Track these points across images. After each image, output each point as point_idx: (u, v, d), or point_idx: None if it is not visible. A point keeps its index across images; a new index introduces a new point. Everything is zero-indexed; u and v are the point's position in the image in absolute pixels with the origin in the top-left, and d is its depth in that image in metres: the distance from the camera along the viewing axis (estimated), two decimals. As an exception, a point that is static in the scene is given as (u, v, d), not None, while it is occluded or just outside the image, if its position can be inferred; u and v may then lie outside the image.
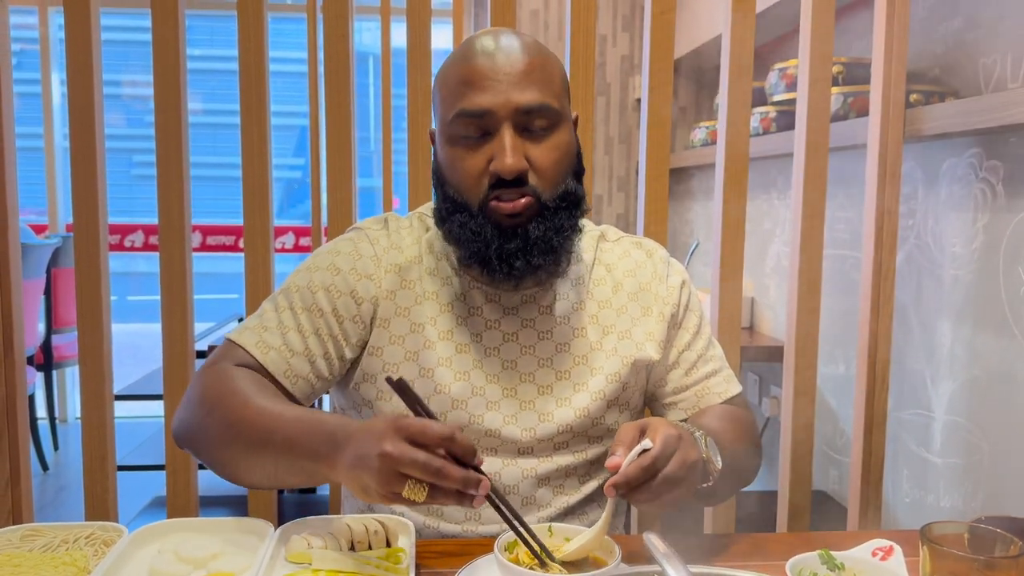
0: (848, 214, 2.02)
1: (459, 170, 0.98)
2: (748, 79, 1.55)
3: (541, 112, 0.96)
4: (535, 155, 0.97)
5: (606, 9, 3.43)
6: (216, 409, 0.92)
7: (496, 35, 0.99)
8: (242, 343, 1.00)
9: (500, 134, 0.95)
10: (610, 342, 1.07)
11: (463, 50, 1.00)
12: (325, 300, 1.02)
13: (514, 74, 0.95)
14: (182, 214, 1.46)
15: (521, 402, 1.04)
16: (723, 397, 1.11)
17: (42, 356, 3.52)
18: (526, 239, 0.97)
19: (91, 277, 1.44)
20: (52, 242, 3.41)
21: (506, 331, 1.05)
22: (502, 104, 0.95)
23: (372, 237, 1.07)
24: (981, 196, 1.54)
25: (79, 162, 1.42)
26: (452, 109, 0.97)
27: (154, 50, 1.44)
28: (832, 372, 2.08)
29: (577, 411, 1.04)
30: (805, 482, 1.59)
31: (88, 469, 1.46)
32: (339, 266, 1.04)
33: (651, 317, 1.10)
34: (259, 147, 1.49)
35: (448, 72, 1.00)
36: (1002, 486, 1.49)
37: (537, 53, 0.98)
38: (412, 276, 1.05)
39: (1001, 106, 1.33)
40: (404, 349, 1.03)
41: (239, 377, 0.96)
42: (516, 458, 1.04)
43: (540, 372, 1.05)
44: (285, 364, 1.00)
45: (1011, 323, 1.46)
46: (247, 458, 0.90)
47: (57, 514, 3.17)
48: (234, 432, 0.90)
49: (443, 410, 1.02)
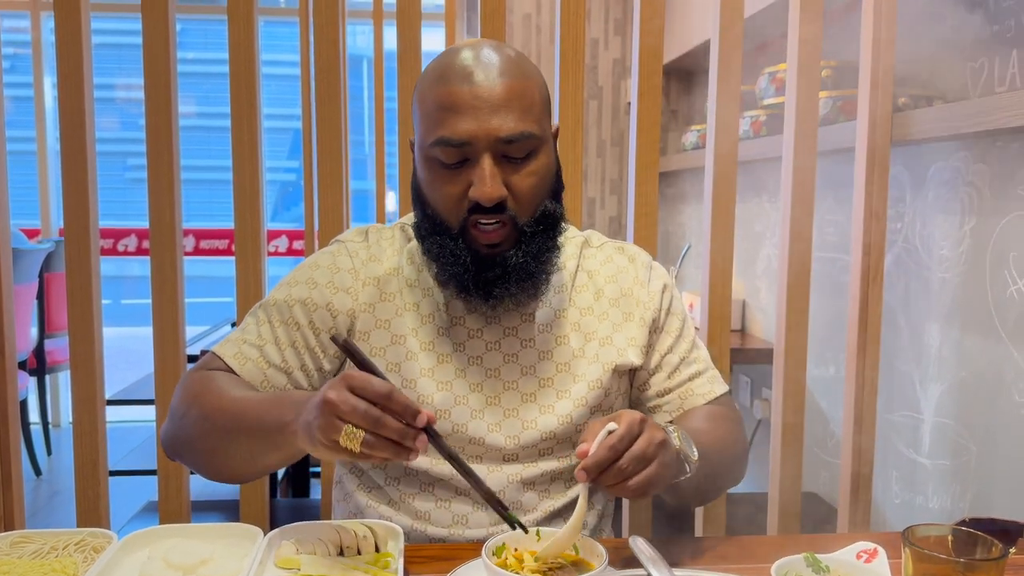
0: (837, 217, 2.03)
1: (438, 193, 0.99)
2: (737, 84, 1.56)
3: (521, 140, 0.96)
4: (514, 181, 0.97)
5: (598, 13, 3.44)
6: (193, 406, 0.96)
7: (476, 53, 0.98)
8: (221, 354, 1.03)
9: (480, 163, 0.95)
10: (592, 348, 1.08)
11: (443, 68, 0.98)
12: (301, 313, 1.04)
13: (494, 101, 0.95)
14: (173, 218, 1.46)
15: (505, 410, 1.05)
16: (707, 398, 1.11)
17: (35, 361, 3.51)
18: (505, 267, 0.99)
19: (82, 282, 1.44)
20: (44, 247, 3.40)
21: (489, 340, 1.06)
22: (483, 135, 0.95)
23: (351, 250, 1.09)
24: (968, 199, 1.55)
25: (70, 166, 1.42)
26: (432, 134, 0.97)
27: (144, 54, 1.45)
28: (822, 374, 2.09)
29: (560, 418, 1.05)
30: (795, 484, 1.60)
31: (80, 475, 1.46)
32: (316, 280, 1.06)
33: (632, 323, 1.10)
34: (250, 151, 1.49)
35: (427, 91, 0.99)
36: (990, 487, 1.50)
37: (518, 75, 0.97)
38: (392, 288, 1.07)
39: (989, 110, 1.34)
40: (385, 360, 1.04)
41: (216, 377, 0.99)
42: (501, 464, 1.04)
43: (523, 380, 1.06)
44: (261, 375, 1.02)
45: (998, 325, 1.47)
46: (224, 445, 0.93)
47: (50, 519, 3.16)
48: (210, 423, 0.93)
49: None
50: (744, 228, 2.56)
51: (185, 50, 8.39)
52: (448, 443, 1.03)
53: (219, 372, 1.01)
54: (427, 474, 1.04)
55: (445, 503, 1.04)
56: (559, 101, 1.55)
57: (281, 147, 9.45)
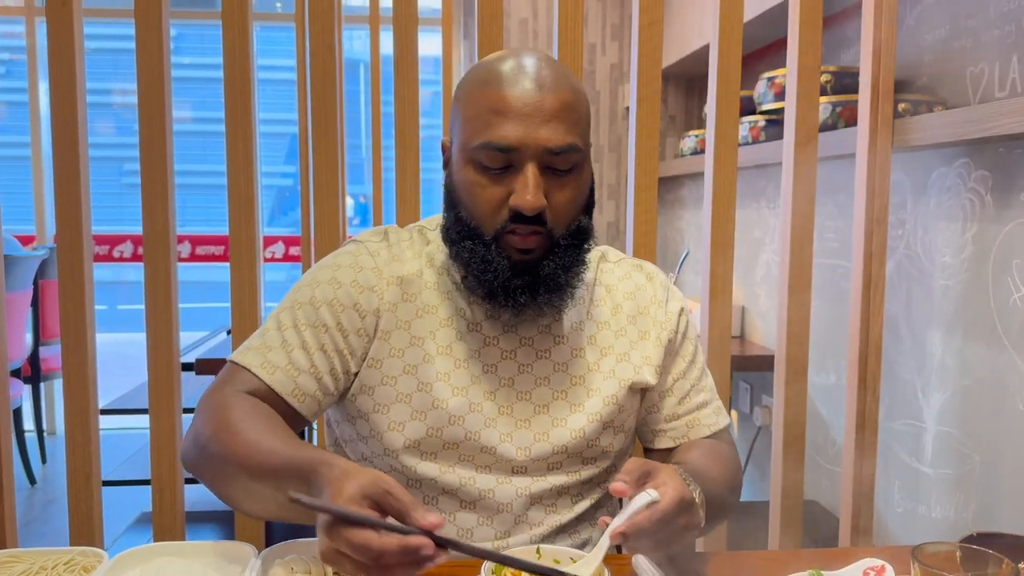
0: (837, 223, 2.02)
1: (476, 198, 0.97)
2: (736, 89, 1.55)
3: (567, 153, 0.95)
4: (555, 194, 0.96)
5: (595, 18, 3.43)
6: (211, 444, 0.91)
7: (529, 62, 0.97)
8: (247, 364, 0.99)
9: (524, 171, 0.94)
10: (608, 364, 1.07)
11: (494, 72, 0.97)
12: (329, 315, 1.01)
13: (547, 111, 0.94)
14: (167, 224, 1.45)
15: (517, 420, 1.03)
16: (712, 429, 1.11)
17: (30, 368, 3.49)
18: (535, 275, 0.97)
19: (75, 290, 1.43)
20: (39, 253, 3.38)
21: (505, 348, 1.04)
22: (531, 143, 0.93)
23: (372, 250, 1.06)
24: (970, 206, 1.54)
25: (62, 173, 1.40)
26: (478, 137, 0.95)
27: (138, 59, 1.43)
28: (823, 381, 2.07)
29: (573, 432, 1.04)
30: (797, 493, 1.58)
31: (72, 487, 1.44)
32: (340, 279, 1.03)
33: (648, 341, 1.09)
34: (245, 157, 1.48)
35: (476, 92, 0.97)
36: (994, 497, 1.48)
37: (569, 88, 0.97)
38: (413, 289, 1.05)
39: (990, 116, 1.33)
40: (403, 362, 1.02)
41: (235, 407, 0.94)
42: (511, 476, 1.03)
43: (537, 391, 1.04)
44: (292, 383, 0.98)
45: (1001, 333, 1.45)
46: (242, 496, 0.89)
47: (45, 529, 3.14)
48: (230, 468, 0.89)
49: (440, 425, 1.01)
50: (743, 234, 2.55)
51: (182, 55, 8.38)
52: (459, 453, 1.02)
53: (240, 399, 0.95)
54: (431, 486, 1.02)
55: (449, 516, 1.02)
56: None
57: (278, 152, 9.45)
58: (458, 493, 1.02)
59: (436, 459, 1.02)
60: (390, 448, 1.02)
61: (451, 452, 1.02)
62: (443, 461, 1.01)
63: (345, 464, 0.78)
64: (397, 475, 1.04)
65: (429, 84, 3.58)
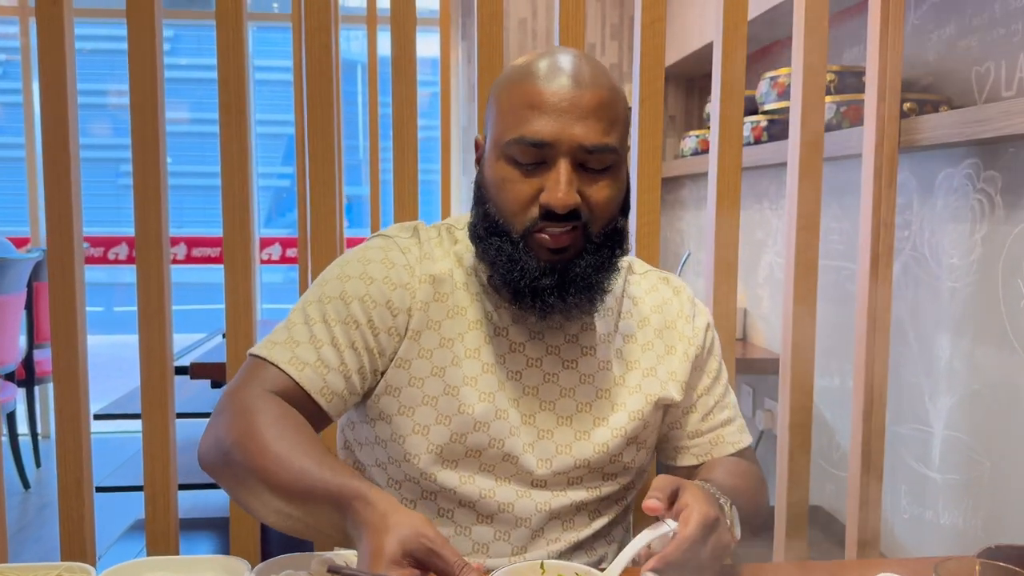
0: (842, 224, 1.99)
1: (507, 193, 0.94)
2: (740, 89, 1.52)
3: (602, 152, 0.92)
4: (589, 193, 0.93)
5: (594, 18, 3.40)
6: (235, 451, 0.86)
7: (570, 59, 0.94)
8: (274, 360, 0.94)
9: (556, 167, 0.91)
10: (634, 378, 1.04)
11: (531, 67, 0.94)
12: (360, 311, 0.97)
13: (583, 108, 0.91)
14: (160, 226, 1.42)
15: (540, 431, 1.00)
16: (736, 448, 1.09)
17: (24, 371, 3.46)
18: (565, 275, 0.93)
19: (65, 293, 1.39)
20: (33, 256, 3.35)
21: (530, 356, 1.01)
22: (566, 138, 0.90)
23: (403, 246, 1.02)
24: (979, 207, 1.51)
25: (52, 173, 1.37)
26: (512, 131, 0.92)
27: (130, 59, 1.40)
28: (827, 384, 2.05)
29: (596, 446, 1.01)
30: (802, 500, 1.56)
31: (63, 495, 1.41)
32: (372, 275, 0.99)
33: (675, 356, 1.07)
34: (239, 158, 1.45)
35: (513, 87, 0.95)
36: (1004, 503, 1.46)
37: (607, 87, 0.94)
38: (446, 288, 1.01)
39: (1001, 116, 1.31)
40: (432, 364, 0.98)
41: (262, 411, 0.89)
42: (530, 490, 0.99)
43: (561, 402, 1.01)
44: (321, 381, 0.94)
45: (1011, 336, 1.43)
46: (264, 510, 0.85)
47: (40, 533, 3.11)
48: (254, 481, 0.85)
49: (464, 431, 0.98)
50: (745, 235, 2.52)
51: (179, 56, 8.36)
52: (480, 462, 0.98)
53: (266, 401, 0.91)
54: (449, 498, 0.99)
55: (465, 529, 0.99)
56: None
57: (275, 153, 9.42)
58: (476, 506, 0.98)
59: (457, 467, 0.98)
60: (411, 453, 0.98)
61: (473, 460, 0.98)
62: (464, 470, 0.98)
63: (385, 505, 0.76)
64: (413, 485, 1.00)
65: (427, 85, 3.55)
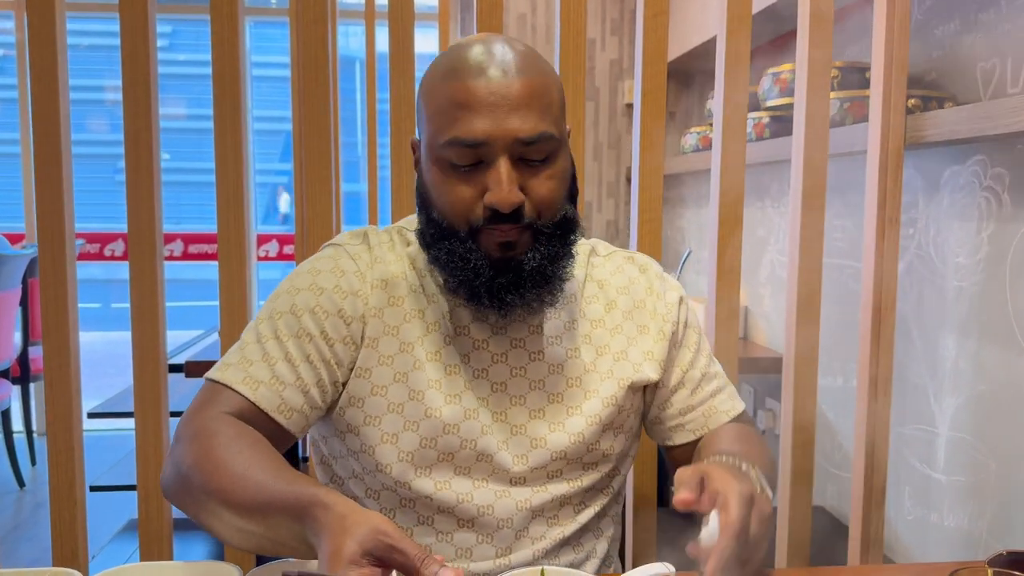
0: (845, 222, 1.97)
1: (448, 197, 0.91)
2: (744, 85, 1.50)
3: (540, 142, 0.89)
4: (532, 185, 0.90)
5: (595, 13, 3.37)
6: (193, 474, 0.84)
7: (491, 47, 0.90)
8: (227, 382, 0.92)
9: (496, 165, 0.88)
10: (605, 363, 1.02)
11: (454, 63, 0.91)
12: (312, 323, 0.95)
13: (513, 99, 0.87)
14: (153, 223, 1.40)
15: (512, 426, 0.98)
16: (730, 415, 1.06)
17: (19, 368, 3.43)
18: (519, 272, 0.91)
19: (57, 290, 1.37)
20: (28, 252, 3.32)
21: (495, 352, 0.98)
22: (500, 135, 0.87)
23: (352, 252, 1.00)
24: (986, 205, 1.49)
25: (43, 169, 1.35)
26: (444, 134, 0.89)
27: (123, 55, 1.38)
28: (830, 384, 2.03)
29: (572, 436, 0.99)
30: (805, 502, 1.54)
31: (55, 495, 1.39)
32: (322, 285, 0.97)
33: (648, 336, 1.04)
34: (234, 155, 1.42)
35: (438, 87, 0.91)
36: (1010, 506, 1.44)
37: (536, 72, 0.90)
38: (400, 292, 0.99)
39: (1009, 112, 1.28)
40: (393, 370, 0.96)
41: (218, 434, 0.87)
42: (509, 488, 0.97)
43: (531, 395, 0.99)
44: (278, 399, 0.92)
45: (1018, 337, 1.41)
46: (228, 531, 0.83)
47: (34, 532, 3.09)
48: (214, 503, 0.82)
49: (434, 435, 0.95)
50: (747, 233, 2.50)
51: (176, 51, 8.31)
52: (455, 465, 0.96)
53: (222, 423, 0.89)
54: (427, 505, 0.97)
55: (447, 535, 0.97)
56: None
57: (273, 149, 9.38)
58: (455, 511, 0.96)
59: (431, 473, 0.96)
60: (383, 463, 0.96)
61: (446, 465, 0.96)
62: (438, 475, 0.96)
63: (342, 507, 0.73)
64: (390, 494, 0.98)
65: (426, 80, 3.51)
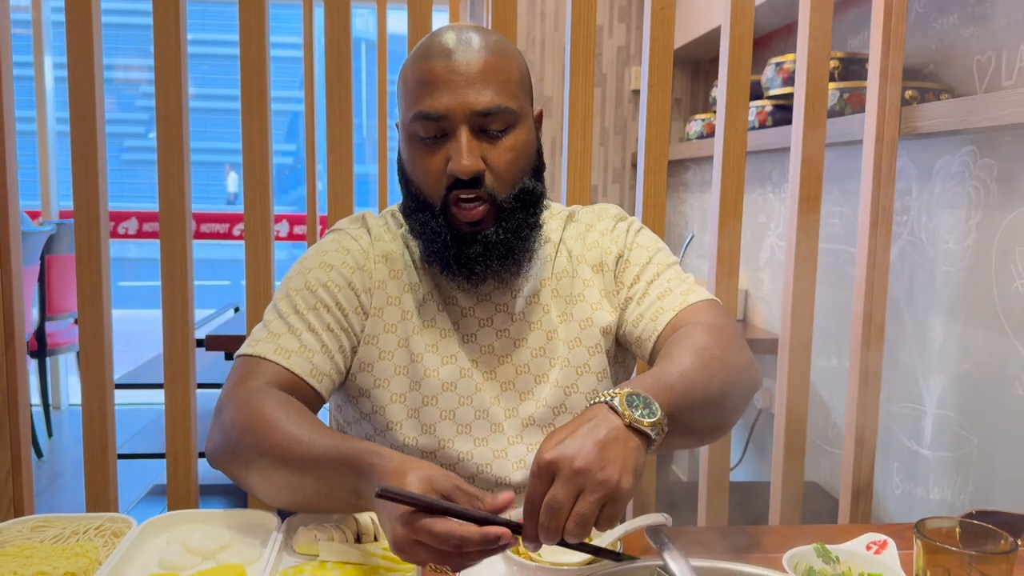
0: (843, 208, 2.04)
1: (419, 169, 1.01)
2: (747, 75, 1.56)
3: (497, 114, 0.98)
4: (492, 156, 0.99)
5: (603, 0, 3.42)
6: (246, 437, 0.89)
7: (456, 33, 1.00)
8: (260, 353, 0.99)
9: (457, 136, 0.97)
10: (581, 311, 1.09)
11: (423, 48, 1.01)
12: (327, 295, 1.04)
13: (471, 75, 0.97)
14: (183, 204, 1.47)
15: (502, 383, 1.07)
16: (680, 307, 1.03)
17: (36, 343, 3.51)
18: (485, 244, 1.00)
19: (92, 267, 1.45)
20: (47, 228, 3.40)
21: (481, 317, 1.08)
22: (459, 107, 0.96)
23: (354, 234, 1.11)
24: (975, 194, 1.56)
25: (80, 150, 1.42)
26: (411, 110, 0.99)
27: (155, 38, 1.44)
28: (824, 365, 2.10)
29: (556, 387, 1.06)
30: (798, 475, 1.62)
31: (89, 459, 1.47)
32: (331, 263, 1.07)
33: (605, 274, 1.11)
34: (260, 138, 1.49)
35: (408, 71, 1.02)
36: (990, 479, 1.52)
37: (496, 52, 1.00)
38: (398, 266, 1.09)
39: (999, 105, 1.35)
40: (397, 336, 1.06)
41: (267, 399, 0.92)
42: (507, 447, 1.06)
43: (517, 352, 1.08)
44: (309, 364, 1.00)
45: (1002, 319, 1.48)
46: (279, 489, 0.88)
47: (53, 502, 3.17)
48: (267, 461, 0.87)
49: (434, 393, 1.04)
50: (747, 218, 2.57)
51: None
52: (456, 423, 1.04)
53: (268, 391, 0.94)
54: (431, 462, 1.04)
55: None
56: (569, 89, 1.55)
57: (278, 130, 9.41)
58: (456, 468, 1.05)
59: (436, 431, 1.05)
60: (392, 421, 1.05)
61: (448, 424, 1.05)
62: (442, 433, 1.05)
63: (400, 456, 0.79)
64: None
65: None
